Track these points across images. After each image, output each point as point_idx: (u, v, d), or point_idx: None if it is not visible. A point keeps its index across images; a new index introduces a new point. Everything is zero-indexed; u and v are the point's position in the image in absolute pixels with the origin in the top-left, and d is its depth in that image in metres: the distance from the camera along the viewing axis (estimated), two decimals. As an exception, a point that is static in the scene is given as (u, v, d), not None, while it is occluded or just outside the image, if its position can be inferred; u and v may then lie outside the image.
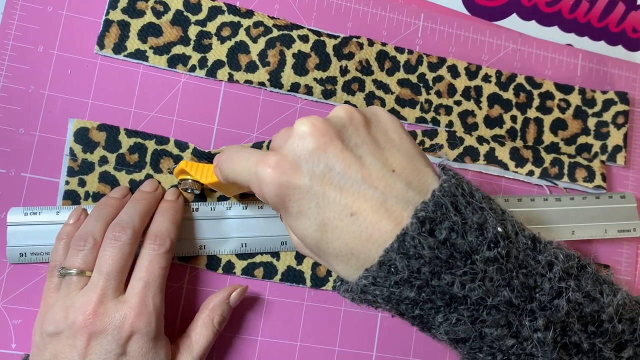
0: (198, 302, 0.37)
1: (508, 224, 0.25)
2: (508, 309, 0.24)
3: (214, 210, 0.37)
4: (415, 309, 0.25)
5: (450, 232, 0.23)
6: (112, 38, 0.37)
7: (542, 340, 0.24)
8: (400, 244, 0.23)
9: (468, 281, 0.23)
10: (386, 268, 0.24)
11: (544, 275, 0.24)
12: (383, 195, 0.24)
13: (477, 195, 0.25)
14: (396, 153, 0.26)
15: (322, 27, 0.41)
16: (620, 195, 0.43)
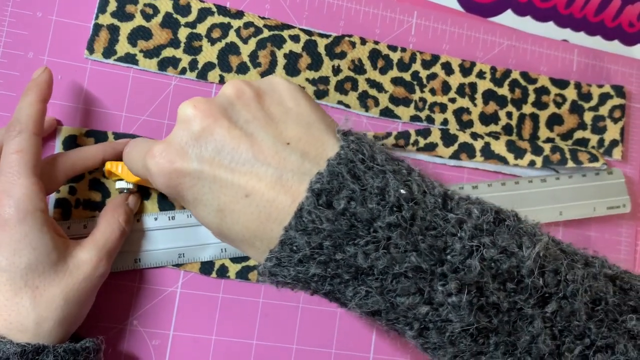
0: (192, 307, 0.37)
1: (414, 184, 0.23)
2: (417, 275, 0.22)
3: (190, 217, 0.37)
4: (325, 285, 0.24)
5: (349, 202, 0.22)
6: (102, 42, 0.37)
7: (456, 304, 0.22)
8: (298, 221, 0.22)
9: (372, 250, 0.22)
10: (288, 247, 0.23)
11: (454, 234, 0.23)
12: (277, 171, 0.23)
13: (379, 158, 0.24)
14: (292, 124, 0.25)
15: (314, 26, 0.41)
16: (608, 171, 0.42)
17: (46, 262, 0.29)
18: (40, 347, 0.28)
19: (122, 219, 0.33)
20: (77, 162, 0.34)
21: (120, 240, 0.33)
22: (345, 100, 0.40)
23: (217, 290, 0.37)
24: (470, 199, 0.25)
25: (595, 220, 0.44)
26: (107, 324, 0.35)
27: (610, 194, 0.42)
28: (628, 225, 0.44)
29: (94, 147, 0.35)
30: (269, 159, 0.24)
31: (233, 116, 0.25)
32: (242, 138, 0.24)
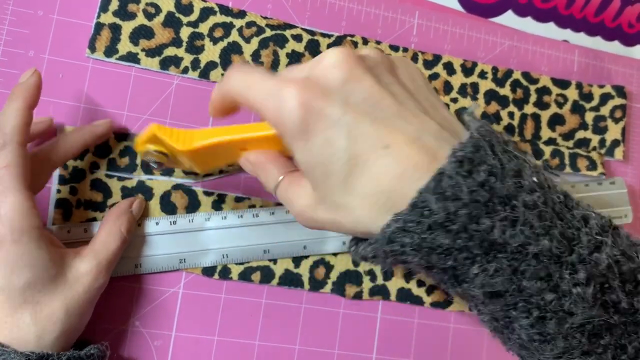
0: (194, 308, 0.37)
1: (542, 176, 0.23)
2: (549, 259, 0.22)
3: (193, 222, 0.36)
4: (449, 260, 0.22)
5: (489, 176, 0.22)
6: (104, 41, 0.37)
7: (581, 295, 0.22)
8: (437, 184, 0.21)
9: (508, 227, 0.21)
10: (419, 211, 0.21)
11: (580, 228, 0.23)
12: (418, 131, 0.23)
13: (510, 144, 0.24)
14: (425, 98, 0.25)
15: (316, 26, 0.41)
16: (610, 181, 0.42)
17: (45, 278, 0.28)
18: (45, 355, 0.27)
19: (124, 228, 0.33)
20: (60, 153, 0.32)
21: (121, 250, 0.33)
22: (347, 99, 0.40)
23: (219, 291, 0.37)
24: (582, 202, 0.25)
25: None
26: (108, 325, 0.35)
27: (613, 204, 0.42)
28: (629, 227, 0.44)
29: (74, 135, 0.33)
30: (410, 118, 0.23)
31: (378, 75, 0.24)
32: (387, 94, 0.24)
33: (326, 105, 0.23)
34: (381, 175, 0.23)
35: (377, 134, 0.23)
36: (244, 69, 0.26)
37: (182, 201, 0.37)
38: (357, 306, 0.39)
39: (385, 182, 0.23)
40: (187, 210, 0.37)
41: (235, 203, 0.38)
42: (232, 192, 0.38)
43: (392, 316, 0.39)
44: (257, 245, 0.37)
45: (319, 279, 0.38)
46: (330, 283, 0.38)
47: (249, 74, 0.26)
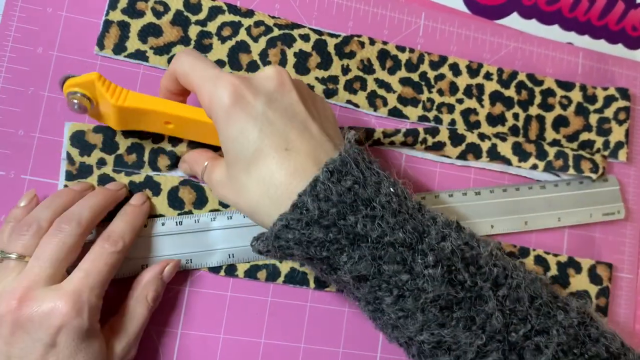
0: (200, 306, 0.37)
1: (398, 188, 0.29)
2: (402, 247, 0.28)
3: (198, 222, 0.36)
4: (323, 251, 0.27)
5: (354, 184, 0.27)
6: (112, 39, 0.37)
7: (432, 275, 0.27)
8: (312, 188, 0.27)
9: (369, 221, 0.27)
10: (299, 210, 0.27)
11: (429, 225, 0.29)
12: (315, 147, 0.28)
13: (374, 164, 0.29)
14: (331, 126, 0.31)
15: (323, 26, 0.41)
16: (604, 179, 0.44)
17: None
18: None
19: (151, 297, 0.33)
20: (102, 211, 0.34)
21: (148, 318, 0.33)
22: (354, 99, 0.40)
23: (225, 289, 0.37)
24: (434, 212, 0.31)
25: (599, 222, 0.44)
26: (114, 321, 0.35)
27: (606, 200, 0.44)
28: (632, 227, 0.45)
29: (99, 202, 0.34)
30: (314, 134, 0.29)
31: (302, 95, 0.30)
32: (304, 109, 0.29)
33: (252, 99, 0.28)
34: (277, 170, 0.28)
35: (285, 137, 0.28)
36: (192, 53, 0.31)
37: (189, 197, 0.37)
38: (362, 305, 0.39)
39: (278, 176, 0.27)
40: (194, 206, 0.37)
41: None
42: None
43: (396, 315, 0.40)
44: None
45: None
46: (336, 282, 0.38)
47: (196, 58, 0.30)
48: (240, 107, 0.28)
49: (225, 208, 0.37)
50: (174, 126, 0.33)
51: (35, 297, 0.28)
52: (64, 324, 0.28)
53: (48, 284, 0.29)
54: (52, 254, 0.30)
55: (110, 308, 0.33)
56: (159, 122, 0.33)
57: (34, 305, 0.28)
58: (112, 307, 0.33)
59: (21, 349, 0.28)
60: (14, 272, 0.30)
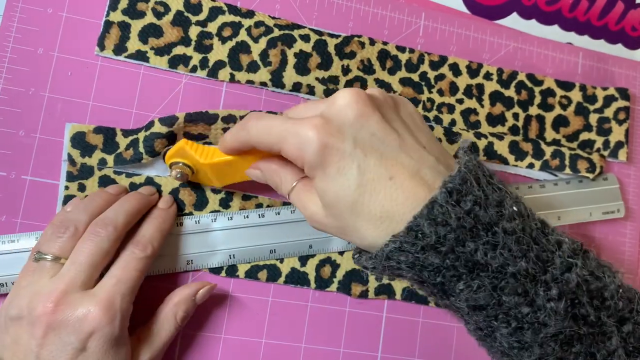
0: (201, 306, 0.37)
1: (521, 205, 0.27)
2: (525, 278, 0.25)
3: (199, 223, 0.36)
4: (438, 277, 0.26)
5: (474, 205, 0.25)
6: (113, 39, 0.37)
7: (554, 309, 0.25)
8: (430, 211, 0.25)
9: (490, 250, 0.25)
10: (414, 234, 0.25)
11: (554, 252, 0.26)
12: (418, 164, 0.27)
13: (494, 177, 0.27)
14: (423, 134, 0.29)
15: (324, 26, 0.41)
16: (603, 177, 0.44)
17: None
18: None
19: (180, 317, 0.33)
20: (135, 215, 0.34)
21: (173, 336, 0.34)
22: (354, 99, 0.40)
23: (226, 290, 0.37)
24: (557, 230, 0.29)
25: (599, 221, 0.44)
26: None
27: (606, 199, 0.44)
28: (632, 227, 0.45)
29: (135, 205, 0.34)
30: (411, 153, 0.27)
31: (383, 112, 0.28)
32: (391, 130, 0.27)
33: (340, 141, 0.26)
34: (386, 202, 0.26)
35: (384, 167, 0.26)
36: (263, 117, 0.29)
37: (190, 198, 0.37)
38: (362, 305, 0.39)
39: (389, 207, 0.26)
40: (194, 207, 0.37)
41: (243, 201, 0.38)
42: (240, 190, 0.38)
43: (397, 315, 0.40)
44: (264, 245, 0.37)
45: (325, 277, 0.38)
46: (336, 282, 0.39)
47: (269, 120, 0.29)
48: (330, 152, 0.26)
49: (226, 209, 0.37)
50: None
51: (70, 302, 0.29)
52: (95, 330, 0.28)
53: (83, 288, 0.30)
54: (88, 258, 0.30)
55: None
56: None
57: (68, 310, 0.28)
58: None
59: (51, 352, 0.28)
60: (49, 274, 0.30)
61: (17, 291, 0.30)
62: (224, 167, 0.33)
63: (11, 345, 0.29)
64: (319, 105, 0.29)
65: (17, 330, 0.29)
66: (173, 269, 0.36)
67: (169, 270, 0.36)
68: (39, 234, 0.34)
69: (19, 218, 0.35)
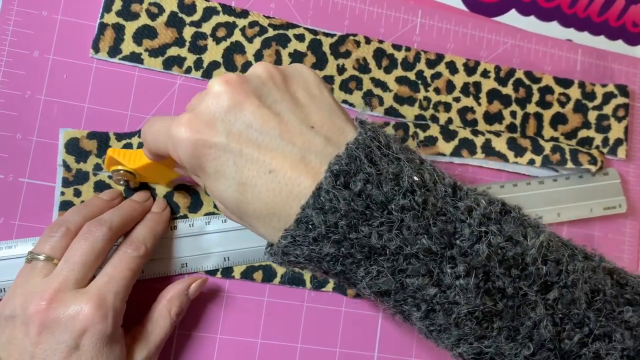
0: (196, 306, 0.37)
1: (426, 173, 0.24)
2: (427, 257, 0.23)
3: (193, 226, 0.37)
4: (337, 265, 0.24)
5: (365, 184, 0.23)
6: (107, 41, 0.37)
7: (464, 287, 0.23)
8: (316, 199, 0.23)
9: (385, 231, 0.23)
10: (304, 225, 0.23)
11: (463, 221, 0.24)
12: (301, 151, 0.24)
13: (393, 147, 0.25)
14: (316, 109, 0.26)
15: (319, 25, 0.41)
16: (604, 172, 0.43)
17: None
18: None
19: (174, 312, 0.34)
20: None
21: (169, 332, 0.33)
22: (349, 99, 0.40)
23: (221, 290, 0.38)
24: (477, 191, 0.26)
25: (598, 220, 0.44)
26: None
27: (607, 194, 0.43)
28: (632, 225, 0.44)
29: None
30: (294, 139, 0.24)
31: (263, 95, 0.25)
32: (270, 117, 0.24)
33: (210, 136, 0.24)
34: (269, 198, 0.24)
35: (262, 160, 0.24)
36: (150, 122, 0.28)
37: (184, 201, 0.37)
38: (358, 305, 0.39)
39: (273, 204, 0.24)
40: (189, 209, 0.37)
41: (238, 202, 0.38)
42: (191, 183, 0.37)
43: (393, 315, 0.40)
44: (258, 247, 0.37)
45: (321, 277, 0.38)
46: (332, 282, 0.39)
47: (155, 123, 0.28)
48: (203, 150, 0.24)
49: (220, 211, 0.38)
50: None
51: (62, 300, 0.29)
52: (88, 328, 0.29)
53: (76, 286, 0.30)
54: (82, 257, 0.30)
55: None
56: (172, 170, 0.33)
57: (61, 308, 0.29)
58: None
59: (45, 350, 0.28)
60: (41, 274, 0.30)
61: (11, 292, 0.30)
62: (153, 168, 0.33)
63: (6, 344, 0.29)
64: (195, 99, 0.27)
65: (12, 329, 0.29)
66: (168, 272, 0.36)
67: (164, 273, 0.36)
68: (36, 239, 0.34)
69: (16, 220, 0.35)
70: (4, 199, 0.36)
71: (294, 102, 0.26)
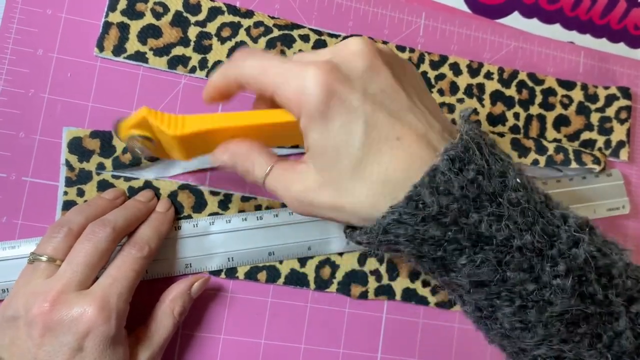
0: (200, 306, 0.37)
1: (524, 178, 0.25)
2: (531, 252, 0.24)
3: (197, 226, 0.36)
4: (439, 250, 0.24)
5: (477, 174, 0.23)
6: (112, 40, 0.37)
7: (561, 286, 0.24)
8: (431, 179, 0.23)
9: (494, 221, 0.23)
10: (414, 204, 0.23)
11: (559, 226, 0.25)
12: (425, 129, 0.25)
13: (497, 147, 0.26)
14: (428, 99, 0.27)
15: (323, 26, 0.41)
16: (607, 173, 0.43)
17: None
18: None
19: (177, 312, 0.33)
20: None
21: (173, 331, 0.33)
22: (354, 100, 0.40)
23: (225, 290, 0.37)
24: (561, 204, 0.27)
25: (602, 221, 0.44)
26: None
27: (610, 195, 0.43)
28: (634, 226, 0.44)
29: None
30: (419, 115, 0.25)
31: (394, 68, 0.26)
32: (401, 88, 0.25)
33: (347, 91, 0.24)
34: (391, 165, 0.24)
35: (392, 126, 0.24)
36: (258, 53, 0.27)
37: (188, 201, 0.37)
38: (362, 306, 0.39)
39: (393, 172, 0.24)
40: (193, 209, 0.37)
41: (242, 203, 0.38)
42: (239, 191, 0.38)
43: (397, 316, 0.40)
44: (262, 248, 0.37)
45: (325, 278, 0.38)
46: (336, 283, 0.38)
47: (265, 57, 0.26)
48: (336, 102, 0.24)
49: (225, 211, 0.37)
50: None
51: (66, 301, 0.28)
52: (91, 329, 0.28)
53: (79, 288, 0.29)
54: (85, 259, 0.30)
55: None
56: (225, 140, 0.30)
57: (64, 310, 0.28)
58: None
59: (48, 352, 0.28)
60: (43, 275, 0.30)
61: (14, 293, 0.30)
62: (194, 139, 0.29)
63: (9, 346, 0.29)
64: (326, 51, 0.26)
65: (14, 331, 0.29)
66: (172, 272, 0.36)
67: (168, 273, 0.36)
68: (39, 239, 0.34)
69: (19, 219, 0.35)
70: (6, 198, 0.35)
71: (413, 86, 0.26)
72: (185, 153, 0.31)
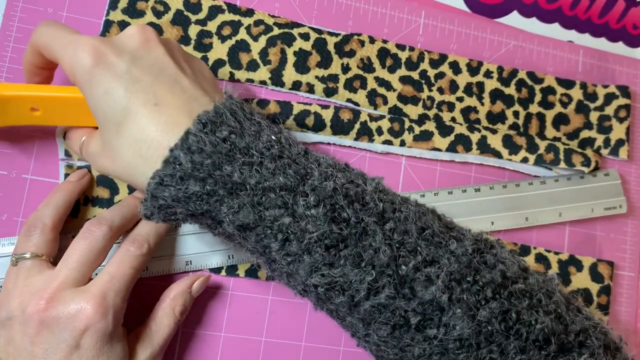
0: (200, 304, 0.37)
1: (282, 137, 0.28)
2: (283, 190, 0.27)
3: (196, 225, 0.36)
4: (203, 204, 0.26)
5: (230, 134, 0.26)
6: (113, 38, 0.37)
7: (314, 215, 0.27)
8: (184, 141, 0.26)
9: (246, 170, 0.26)
10: (171, 166, 0.26)
11: (313, 168, 0.28)
12: (189, 98, 0.27)
13: (256, 116, 0.29)
14: (208, 84, 0.30)
15: (323, 25, 0.41)
16: (604, 172, 0.44)
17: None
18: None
19: (178, 310, 0.33)
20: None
21: (174, 331, 0.33)
22: (354, 98, 0.40)
23: (226, 288, 0.37)
24: (325, 156, 0.30)
25: (600, 220, 0.44)
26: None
27: (607, 195, 0.43)
28: (633, 225, 0.45)
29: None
30: (187, 86, 0.28)
31: (171, 50, 0.29)
32: (173, 63, 0.28)
33: (114, 60, 0.27)
34: (146, 126, 0.26)
35: (152, 92, 0.27)
36: (52, 23, 0.30)
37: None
38: (362, 303, 0.39)
39: (148, 132, 0.26)
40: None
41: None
42: None
43: (397, 313, 0.40)
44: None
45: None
46: (337, 280, 0.38)
47: (55, 26, 0.29)
48: (102, 67, 0.27)
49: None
50: (42, 112, 0.31)
51: (62, 298, 0.28)
52: (88, 326, 0.28)
53: (75, 285, 0.29)
54: (80, 257, 0.30)
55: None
56: (24, 111, 0.31)
57: (60, 306, 0.28)
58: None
59: (45, 349, 0.28)
60: (33, 271, 0.30)
61: (4, 295, 0.30)
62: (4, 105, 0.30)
63: (5, 346, 0.29)
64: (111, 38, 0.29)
65: (9, 331, 0.29)
66: (172, 270, 0.36)
67: (168, 271, 0.36)
68: (14, 239, 0.34)
69: (19, 217, 0.35)
70: (7, 195, 0.35)
71: (193, 69, 0.30)
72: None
